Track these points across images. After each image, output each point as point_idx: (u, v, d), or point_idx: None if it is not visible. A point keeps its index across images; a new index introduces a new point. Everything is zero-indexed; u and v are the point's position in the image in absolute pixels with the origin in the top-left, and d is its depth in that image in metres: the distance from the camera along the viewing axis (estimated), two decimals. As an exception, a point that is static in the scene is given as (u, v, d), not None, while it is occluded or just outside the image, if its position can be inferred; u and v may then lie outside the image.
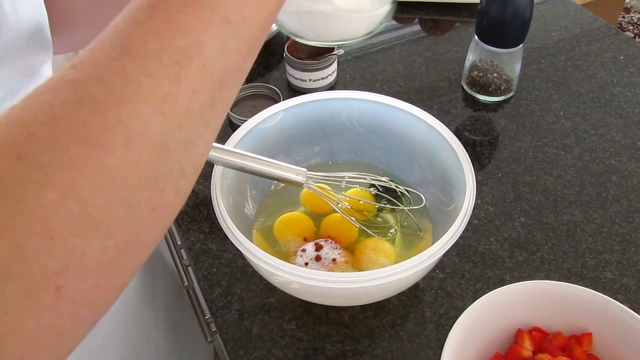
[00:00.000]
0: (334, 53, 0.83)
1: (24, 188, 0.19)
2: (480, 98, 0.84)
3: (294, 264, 0.52)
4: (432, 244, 0.49)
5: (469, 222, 0.51)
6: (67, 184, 0.20)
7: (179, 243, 0.70)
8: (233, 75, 0.26)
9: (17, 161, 0.20)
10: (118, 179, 0.21)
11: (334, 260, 0.57)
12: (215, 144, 0.51)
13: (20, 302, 0.19)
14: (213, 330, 0.61)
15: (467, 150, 0.55)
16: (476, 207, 0.68)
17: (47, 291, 0.20)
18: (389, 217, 0.63)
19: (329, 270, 0.56)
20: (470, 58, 0.83)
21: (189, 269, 0.67)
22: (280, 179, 0.55)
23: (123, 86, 0.22)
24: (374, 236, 0.59)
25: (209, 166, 0.52)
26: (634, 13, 2.58)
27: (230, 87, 0.26)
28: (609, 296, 0.51)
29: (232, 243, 0.49)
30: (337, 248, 0.58)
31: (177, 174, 0.24)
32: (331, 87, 0.86)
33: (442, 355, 0.46)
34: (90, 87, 0.22)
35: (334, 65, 0.85)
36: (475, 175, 0.54)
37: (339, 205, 0.59)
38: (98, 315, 0.23)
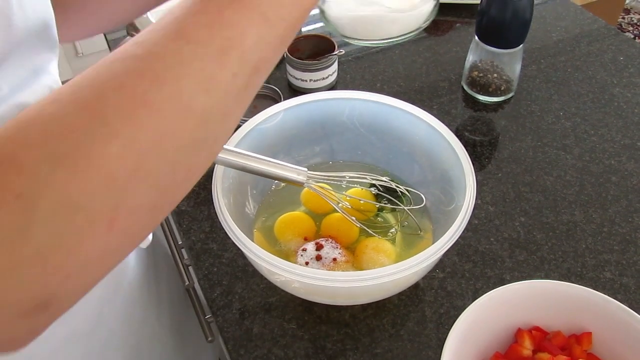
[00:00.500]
0: (334, 53, 0.83)
1: (93, 140, 0.24)
2: (481, 98, 0.84)
3: (294, 263, 0.52)
4: (432, 243, 0.49)
5: (469, 222, 0.51)
6: (128, 139, 0.25)
7: (180, 242, 0.70)
8: (265, 64, 0.31)
9: (89, 118, 0.24)
10: (168, 140, 0.26)
11: (334, 259, 0.57)
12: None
13: (82, 229, 0.24)
14: (214, 329, 0.62)
15: (467, 150, 0.56)
16: (476, 207, 0.68)
17: (103, 222, 0.25)
18: (390, 217, 0.63)
19: (329, 270, 0.56)
20: (470, 58, 0.83)
21: (190, 268, 0.67)
22: (281, 179, 0.55)
23: (178, 65, 0.27)
24: (374, 236, 0.59)
25: (210, 166, 0.52)
26: (633, 14, 2.58)
27: (261, 74, 0.31)
28: (609, 296, 0.51)
29: (232, 242, 0.50)
30: (337, 247, 0.58)
31: (212, 141, 0.29)
32: (332, 87, 0.87)
33: (442, 355, 0.46)
34: (151, 62, 0.26)
35: (335, 66, 0.85)
36: (476, 175, 0.54)
37: (340, 204, 0.59)
38: (131, 248, 0.28)
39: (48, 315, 0.25)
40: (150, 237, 0.60)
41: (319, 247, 0.58)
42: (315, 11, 0.47)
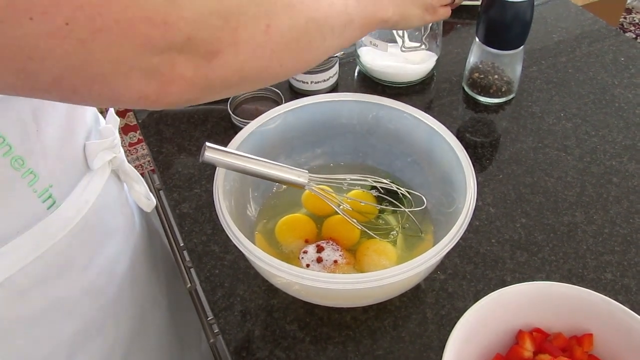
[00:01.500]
0: (335, 55, 0.83)
1: None
2: (481, 100, 0.84)
3: (295, 265, 0.52)
4: (434, 245, 0.49)
5: (470, 224, 0.51)
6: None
7: (182, 245, 0.70)
8: (335, 28, 0.46)
9: None
10: (305, 13, 0.41)
11: (335, 262, 0.57)
12: (217, 147, 0.51)
13: (253, 17, 0.36)
14: (215, 331, 0.62)
15: (468, 152, 0.56)
16: (477, 208, 0.68)
17: (263, 22, 0.37)
18: (391, 219, 0.64)
19: (330, 272, 0.56)
20: (471, 60, 0.83)
21: (192, 270, 0.67)
22: (282, 181, 0.55)
23: None
24: (375, 238, 0.59)
25: (211, 168, 0.52)
26: (635, 14, 2.58)
27: (335, 33, 0.46)
28: (610, 297, 0.51)
29: (234, 245, 0.50)
30: (338, 250, 0.58)
31: (321, 40, 0.44)
32: (333, 89, 0.87)
33: (443, 356, 0.47)
34: None
35: (336, 67, 0.85)
36: (476, 177, 0.54)
37: (341, 207, 0.59)
38: (270, 65, 0.39)
39: (211, 69, 0.35)
40: (153, 200, 0.68)
41: (320, 249, 0.58)
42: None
